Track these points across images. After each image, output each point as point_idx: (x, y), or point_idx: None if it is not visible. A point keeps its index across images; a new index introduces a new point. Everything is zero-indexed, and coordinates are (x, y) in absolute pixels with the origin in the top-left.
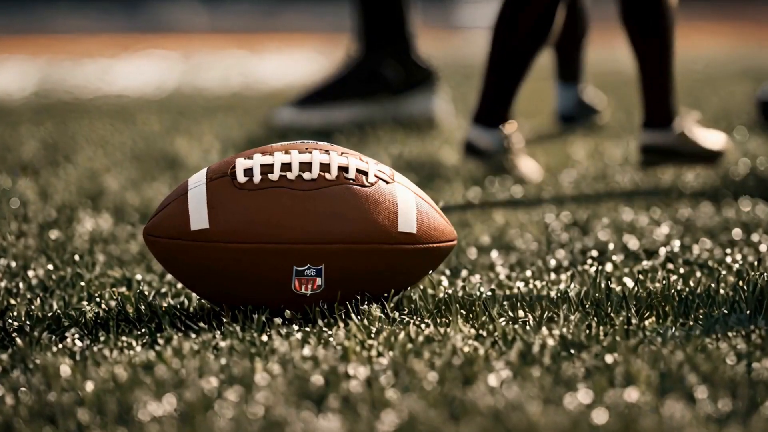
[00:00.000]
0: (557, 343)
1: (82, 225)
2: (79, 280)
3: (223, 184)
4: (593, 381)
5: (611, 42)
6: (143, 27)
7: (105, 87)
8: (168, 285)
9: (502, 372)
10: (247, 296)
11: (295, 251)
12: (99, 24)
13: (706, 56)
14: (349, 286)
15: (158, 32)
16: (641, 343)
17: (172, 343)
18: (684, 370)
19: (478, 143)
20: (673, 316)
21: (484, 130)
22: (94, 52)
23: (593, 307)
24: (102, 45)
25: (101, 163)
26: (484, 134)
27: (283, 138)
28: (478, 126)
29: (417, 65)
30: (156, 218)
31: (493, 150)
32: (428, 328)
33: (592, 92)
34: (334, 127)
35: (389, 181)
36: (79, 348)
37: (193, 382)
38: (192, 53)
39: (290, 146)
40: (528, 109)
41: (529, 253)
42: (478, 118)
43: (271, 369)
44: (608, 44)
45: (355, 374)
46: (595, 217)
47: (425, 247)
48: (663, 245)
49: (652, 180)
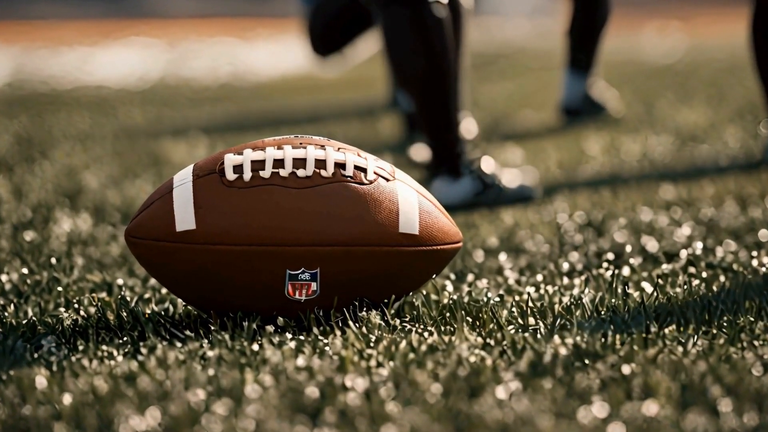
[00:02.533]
0: (570, 353)
1: (60, 226)
2: (56, 284)
3: (210, 182)
4: (609, 393)
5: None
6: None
7: (84, 77)
8: (152, 290)
9: (511, 384)
10: (237, 302)
11: (288, 254)
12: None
13: (730, 44)
14: (347, 291)
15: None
16: (661, 352)
17: (156, 353)
18: (707, 381)
19: (447, 200)
20: (695, 324)
21: (449, 182)
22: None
23: (609, 314)
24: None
25: (80, 160)
26: (450, 187)
27: (276, 132)
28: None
29: None
30: (139, 218)
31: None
32: (432, 337)
33: (603, 87)
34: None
35: (390, 179)
36: (56, 358)
37: (178, 395)
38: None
39: (283, 141)
40: (537, 101)
41: (540, 255)
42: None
43: (262, 380)
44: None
45: (352, 386)
46: (611, 218)
47: (428, 249)
48: (684, 247)
49: (672, 177)
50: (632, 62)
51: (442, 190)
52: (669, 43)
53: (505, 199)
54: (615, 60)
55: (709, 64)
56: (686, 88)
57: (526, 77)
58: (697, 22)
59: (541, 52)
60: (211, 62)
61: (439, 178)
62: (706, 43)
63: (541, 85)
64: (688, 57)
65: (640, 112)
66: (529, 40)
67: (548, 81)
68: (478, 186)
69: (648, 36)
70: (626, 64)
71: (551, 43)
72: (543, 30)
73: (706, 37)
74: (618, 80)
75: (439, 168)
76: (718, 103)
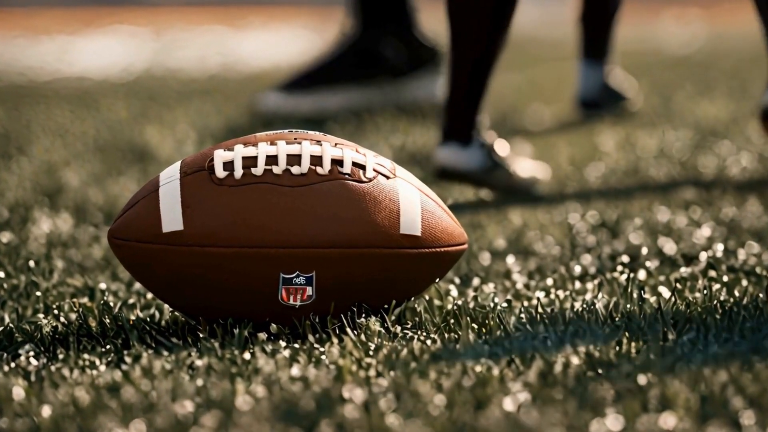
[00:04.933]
0: (582, 362)
1: (38, 226)
2: (34, 289)
3: (199, 180)
4: (624, 405)
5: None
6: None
7: (64, 68)
8: (136, 295)
9: (520, 395)
10: (227, 308)
11: (282, 256)
12: None
13: (753, 33)
14: (344, 296)
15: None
16: (679, 361)
17: (141, 362)
18: (728, 392)
19: (454, 166)
20: (715, 331)
21: (458, 148)
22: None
23: (624, 321)
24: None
25: (60, 156)
26: (459, 154)
27: (269, 127)
28: (450, 145)
29: (421, 43)
30: (122, 219)
31: (476, 170)
32: (435, 345)
33: (621, 76)
34: (326, 114)
35: (390, 176)
36: (35, 367)
37: (165, 407)
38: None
39: (276, 136)
40: (548, 94)
41: (550, 258)
42: (447, 136)
43: (254, 391)
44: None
45: (350, 397)
46: (626, 218)
47: (431, 251)
48: (704, 249)
49: (691, 174)
50: (649, 52)
51: (450, 155)
52: (688, 31)
53: (513, 186)
54: (630, 50)
55: (731, 55)
56: (706, 79)
57: (536, 68)
58: (718, 9)
59: (551, 41)
60: (199, 52)
61: (448, 144)
62: (727, 32)
63: (551, 77)
64: (709, 47)
65: (657, 106)
66: (538, 28)
67: (559, 72)
68: (487, 162)
69: (666, 24)
70: (642, 54)
71: (562, 31)
72: (553, 17)
73: (727, 25)
74: (633, 71)
75: (451, 135)
76: (741, 96)
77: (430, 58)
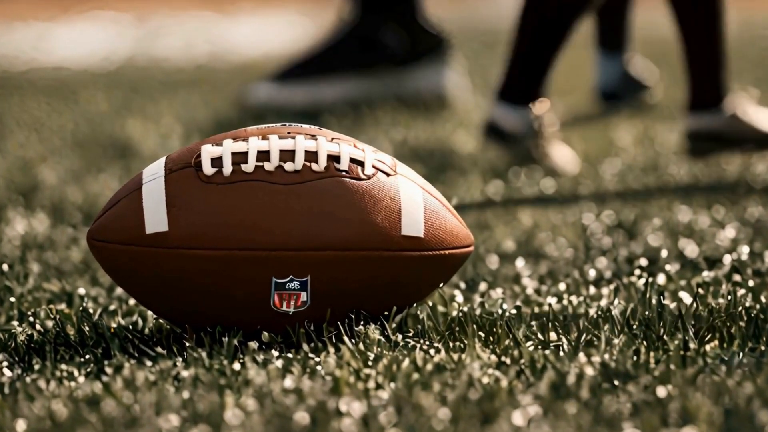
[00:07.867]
0: (597, 373)
1: (12, 227)
2: (8, 295)
3: (185, 177)
4: (642, 419)
5: None
6: None
7: (40, 57)
8: (118, 301)
9: (530, 408)
10: (216, 315)
11: (274, 259)
12: None
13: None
14: (341, 302)
15: None
16: (701, 372)
17: (123, 373)
18: (754, 405)
19: (501, 124)
20: (740, 340)
21: (509, 108)
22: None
23: (642, 329)
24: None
25: (36, 151)
26: (509, 113)
27: (260, 120)
28: (503, 103)
29: (424, 30)
30: (103, 219)
31: (520, 133)
32: (438, 355)
33: (641, 64)
34: (322, 106)
35: (390, 173)
36: (9, 379)
37: (148, 421)
38: (147, 15)
39: (268, 130)
40: (562, 85)
41: (562, 261)
42: (503, 94)
43: (244, 404)
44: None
45: (348, 411)
46: (645, 218)
47: (435, 254)
48: (728, 252)
49: (714, 172)
50: (669, 40)
51: (501, 112)
52: None
53: (544, 163)
54: (649, 37)
55: (757, 42)
56: (731, 69)
57: None
58: None
59: None
60: (186, 40)
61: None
62: (754, 19)
63: (564, 67)
64: (733, 34)
65: (678, 98)
66: None
67: (573, 62)
68: (531, 131)
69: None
70: (662, 42)
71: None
72: None
73: (754, 11)
74: (652, 61)
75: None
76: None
77: (434, 46)
